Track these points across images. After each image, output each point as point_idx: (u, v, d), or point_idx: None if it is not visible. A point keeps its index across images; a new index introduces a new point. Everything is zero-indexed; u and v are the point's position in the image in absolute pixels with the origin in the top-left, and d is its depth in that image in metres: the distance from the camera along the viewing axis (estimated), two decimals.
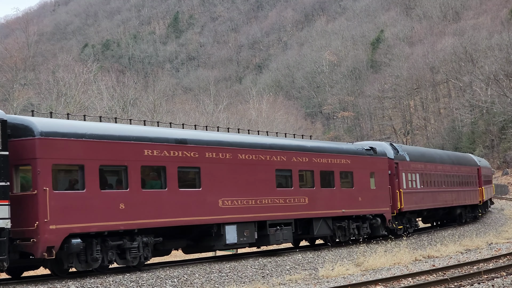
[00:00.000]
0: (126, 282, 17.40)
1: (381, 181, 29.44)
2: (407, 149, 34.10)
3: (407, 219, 32.79)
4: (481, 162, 49.41)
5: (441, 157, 39.01)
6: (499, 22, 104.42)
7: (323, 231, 25.74)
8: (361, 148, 29.14)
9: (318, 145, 27.01)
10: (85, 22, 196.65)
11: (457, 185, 39.56)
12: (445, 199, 37.24)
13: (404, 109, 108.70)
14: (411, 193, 32.36)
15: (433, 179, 35.57)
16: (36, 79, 71.19)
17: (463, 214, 41.82)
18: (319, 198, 25.35)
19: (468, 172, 42.51)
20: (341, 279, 19.62)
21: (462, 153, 50.95)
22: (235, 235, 21.17)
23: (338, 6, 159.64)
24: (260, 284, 18.94)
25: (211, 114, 72.24)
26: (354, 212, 27.42)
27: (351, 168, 27.54)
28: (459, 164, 41.12)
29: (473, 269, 20.01)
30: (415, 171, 33.00)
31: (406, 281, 17.98)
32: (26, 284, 16.38)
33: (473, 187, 43.34)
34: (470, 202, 42.19)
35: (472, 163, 44.87)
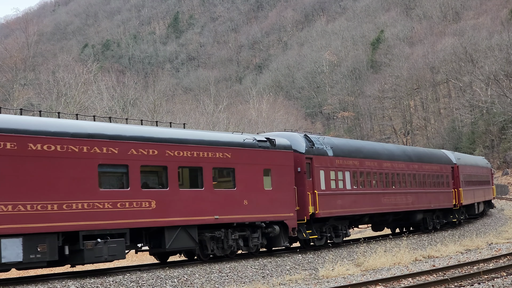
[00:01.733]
0: (126, 282, 17.40)
1: (281, 180, 23.79)
2: (332, 142, 27.79)
3: (330, 226, 27.07)
4: (463, 159, 42.97)
5: (392, 153, 32.94)
6: (499, 22, 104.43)
7: (182, 243, 20.03)
8: (250, 139, 23.19)
9: (177, 135, 20.61)
10: (85, 22, 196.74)
11: (418, 186, 34.00)
12: (395, 202, 31.64)
13: (404, 109, 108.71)
14: (333, 196, 26.56)
15: (376, 179, 29.98)
16: (36, 79, 71.19)
17: (428, 220, 36.09)
18: (175, 202, 19.70)
19: (436, 171, 36.60)
20: (341, 279, 19.62)
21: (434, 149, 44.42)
22: (20, 251, 15.95)
23: (338, 6, 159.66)
24: (260, 284, 18.94)
25: (211, 114, 72.23)
26: (235, 219, 21.65)
27: (231, 164, 21.83)
28: (421, 161, 35.04)
29: (473, 269, 20.00)
30: (342, 168, 27.37)
31: (406, 281, 17.97)
32: (26, 284, 16.38)
33: (445, 188, 37.48)
34: (439, 205, 36.46)
35: (443, 160, 38.71)
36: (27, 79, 69.32)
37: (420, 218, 34.95)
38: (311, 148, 25.75)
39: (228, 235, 21.68)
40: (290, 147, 24.62)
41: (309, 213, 24.91)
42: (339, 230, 27.58)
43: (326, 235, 26.53)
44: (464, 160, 42.90)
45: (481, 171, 47.49)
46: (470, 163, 44.91)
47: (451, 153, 41.38)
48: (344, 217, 27.76)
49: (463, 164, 41.45)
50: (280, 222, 23.70)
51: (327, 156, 26.65)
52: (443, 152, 40.67)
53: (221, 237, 21.46)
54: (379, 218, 31.93)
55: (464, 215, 41.57)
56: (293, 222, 24.09)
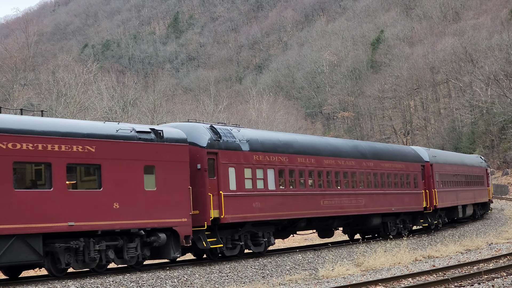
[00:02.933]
0: (126, 282, 17.40)
1: (170, 179, 19.98)
2: (249, 135, 23.51)
3: (246, 233, 23.02)
4: (440, 156, 38.68)
5: (337, 148, 28.46)
6: (499, 22, 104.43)
7: (18, 256, 16.21)
8: (127, 130, 19.39)
9: (14, 123, 16.74)
10: (85, 22, 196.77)
11: (374, 186, 30.10)
12: (341, 205, 27.53)
13: (404, 109, 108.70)
14: (248, 197, 22.52)
15: (313, 178, 26.10)
16: (36, 79, 71.16)
17: (390, 225, 31.89)
18: (6, 205, 16.07)
19: (400, 170, 32.43)
20: (341, 279, 19.62)
21: (400, 145, 39.16)
22: None
23: (338, 6, 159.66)
24: (260, 284, 18.94)
25: (211, 114, 72.22)
26: (99, 225, 17.92)
27: (96, 159, 18.15)
28: (379, 158, 30.87)
29: (473, 269, 20.00)
30: (263, 165, 23.26)
31: (406, 281, 17.97)
32: (26, 284, 16.37)
33: (412, 189, 33.32)
34: (404, 208, 32.37)
35: (410, 158, 34.32)
36: (27, 79, 69.29)
37: (377, 223, 30.50)
38: (217, 141, 21.59)
39: (90, 245, 17.83)
40: (184, 140, 20.53)
41: (210, 218, 20.86)
42: (260, 238, 23.28)
43: (239, 244, 22.32)
44: (442, 158, 38.58)
45: (470, 170, 43.72)
46: (452, 161, 40.54)
47: (425, 150, 36.93)
48: (266, 223, 23.62)
49: (440, 162, 37.18)
50: (168, 229, 19.82)
51: (241, 151, 22.46)
52: (412, 149, 36.20)
53: (80, 248, 17.63)
54: (320, 223, 27.47)
55: (441, 219, 37.44)
56: (186, 229, 20.06)
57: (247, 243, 22.90)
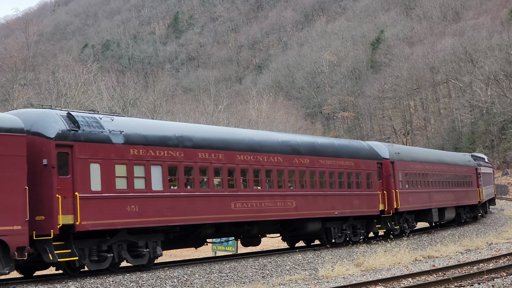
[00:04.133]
0: (126, 282, 17.40)
1: None
2: (125, 125, 19.51)
3: (121, 243, 18.99)
4: (406, 153, 34.38)
5: (258, 143, 24.08)
6: (499, 22, 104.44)
7: None
8: None
9: None
10: (85, 22, 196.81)
11: (310, 187, 25.98)
12: (264, 208, 23.48)
13: (404, 109, 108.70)
14: (121, 200, 18.67)
15: (221, 177, 22.07)
16: (36, 79, 71.17)
17: (334, 231, 27.82)
18: None
19: (348, 168, 28.25)
20: (341, 279, 19.62)
21: (350, 140, 35.33)
22: None
23: (338, 6, 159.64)
24: (260, 284, 18.94)
25: (211, 114, 72.22)
26: None
27: None
28: (317, 155, 26.71)
29: (473, 269, 20.01)
30: (146, 161, 19.42)
31: (406, 281, 17.97)
32: (26, 284, 16.38)
33: (364, 190, 29.10)
34: (351, 212, 28.33)
35: (364, 154, 29.83)
36: (27, 79, 69.35)
37: (315, 229, 26.42)
38: (73, 131, 17.79)
39: None
40: (20, 129, 16.65)
41: (58, 225, 16.91)
42: (140, 248, 19.35)
43: (107, 256, 18.45)
44: (408, 155, 34.18)
45: (452, 169, 39.86)
46: (424, 158, 36.34)
47: (385, 146, 32.59)
48: (152, 230, 19.82)
49: (405, 160, 32.91)
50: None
51: (111, 144, 18.63)
52: (367, 145, 31.47)
53: None
54: (235, 230, 23.58)
55: (408, 224, 33.75)
56: (20, 239, 16.09)
57: (121, 255, 18.84)
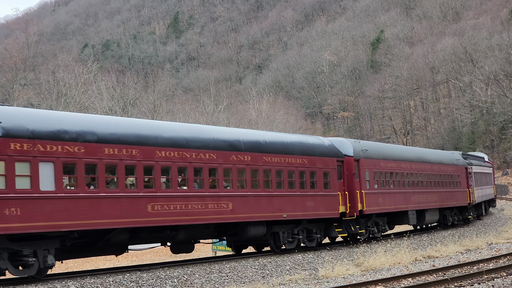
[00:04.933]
0: (126, 282, 17.41)
1: None
2: (5, 115, 16.53)
3: (2, 251, 16.27)
4: (375, 150, 30.90)
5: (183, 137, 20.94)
6: (499, 22, 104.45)
7: None
8: None
9: None
10: (85, 22, 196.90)
11: (253, 186, 22.95)
12: (191, 210, 20.40)
13: (404, 109, 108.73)
14: None
15: (136, 175, 18.97)
16: (36, 79, 71.25)
17: (283, 236, 24.59)
18: None
19: (302, 166, 25.14)
20: (341, 279, 19.62)
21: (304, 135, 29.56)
22: None
23: (338, 6, 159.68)
24: (260, 284, 18.94)
25: (211, 114, 72.26)
26: None
27: None
28: (262, 151, 23.56)
29: (473, 269, 20.02)
30: (31, 157, 16.62)
31: (406, 281, 17.97)
32: (26, 284, 16.38)
33: (322, 190, 26.05)
34: (305, 215, 25.17)
35: (319, 151, 26.57)
36: (27, 79, 69.38)
37: (259, 233, 23.42)
38: None
39: None
40: None
41: None
42: (26, 257, 16.66)
43: None
44: (378, 152, 31.02)
45: (436, 168, 36.88)
46: (398, 156, 33.08)
47: (350, 142, 29.27)
48: (43, 236, 17.07)
49: (373, 158, 29.86)
50: None
51: None
52: (326, 141, 28.11)
53: None
54: (154, 235, 20.55)
55: (378, 227, 30.76)
56: None
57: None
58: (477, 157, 49.91)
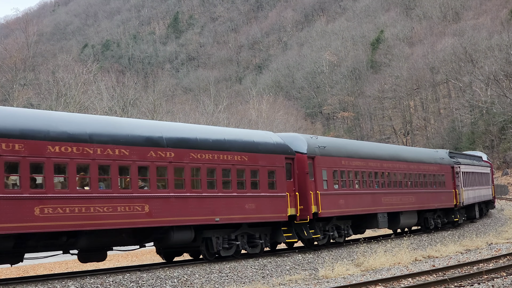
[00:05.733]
0: (126, 282, 17.41)
1: None
2: None
3: None
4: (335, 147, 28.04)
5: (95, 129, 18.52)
6: (499, 22, 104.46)
7: None
8: None
9: None
10: (85, 23, 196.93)
11: (178, 187, 20.18)
12: (94, 214, 17.79)
13: (404, 109, 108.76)
14: None
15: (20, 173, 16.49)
16: (36, 79, 71.24)
17: (215, 242, 21.81)
18: None
19: (239, 163, 22.45)
20: (341, 279, 19.62)
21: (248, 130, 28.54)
22: None
23: (338, 6, 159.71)
24: (260, 284, 18.94)
25: (211, 114, 72.28)
26: None
27: None
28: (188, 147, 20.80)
29: (473, 269, 20.02)
30: None
31: (406, 281, 17.98)
32: (26, 284, 16.38)
33: (266, 191, 23.25)
34: (244, 218, 22.48)
35: (262, 147, 23.77)
36: (26, 79, 69.37)
37: (186, 239, 20.68)
38: None
39: None
40: None
41: None
42: None
43: None
44: (339, 150, 28.16)
45: (415, 168, 34.20)
46: (366, 154, 30.12)
47: (304, 138, 26.29)
48: None
49: (333, 155, 27.19)
50: None
51: None
52: (274, 136, 25.26)
53: None
54: (46, 242, 17.80)
55: (339, 231, 27.85)
56: None
57: None
58: (471, 156, 47.47)
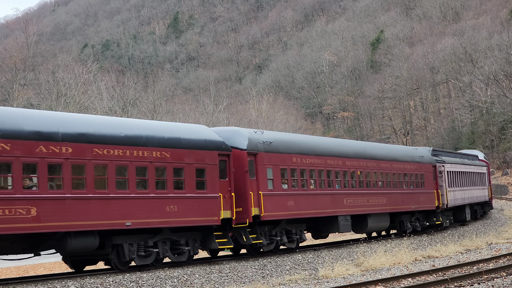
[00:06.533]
0: (126, 282, 17.41)
1: None
2: None
3: None
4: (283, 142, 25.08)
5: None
6: (499, 22, 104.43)
7: None
8: None
9: None
10: (85, 22, 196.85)
11: (78, 187, 17.77)
12: None
13: (404, 109, 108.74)
14: None
15: None
16: (35, 79, 71.24)
17: (128, 249, 19.15)
18: None
19: (165, 160, 19.98)
20: (341, 279, 19.62)
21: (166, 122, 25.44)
22: None
23: (338, 6, 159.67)
24: (260, 284, 18.95)
25: (211, 114, 72.27)
26: None
27: None
28: (92, 141, 18.32)
29: (473, 269, 20.02)
30: None
31: (406, 281, 17.98)
32: (26, 284, 16.39)
33: (192, 192, 20.68)
34: (163, 222, 19.77)
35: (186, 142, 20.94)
36: (26, 79, 69.38)
37: (88, 246, 18.11)
38: None
39: None
40: None
41: None
42: None
43: None
44: (289, 146, 25.22)
45: (387, 166, 31.49)
46: (324, 151, 27.18)
47: (245, 133, 23.76)
48: None
49: (282, 152, 24.39)
50: None
51: None
52: (205, 130, 22.51)
53: None
54: None
55: (288, 236, 25.07)
56: None
57: None
58: (463, 155, 45.32)
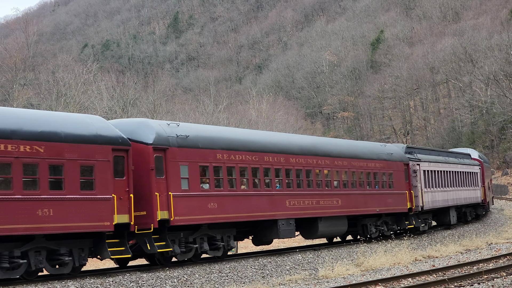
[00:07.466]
0: (126, 282, 17.41)
1: None
2: None
3: None
4: (202, 137, 21.80)
5: None
6: (499, 22, 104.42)
7: None
8: None
9: None
10: (84, 22, 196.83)
11: None
12: None
13: (404, 109, 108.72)
14: None
15: None
16: (35, 79, 71.27)
17: (34, 258, 16.94)
18: None
19: (37, 155, 16.76)
20: (341, 279, 19.63)
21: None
22: None
23: (338, 6, 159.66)
24: (260, 284, 18.95)
25: (211, 114, 72.25)
26: None
27: None
28: None
29: (473, 269, 20.02)
30: None
31: (406, 281, 17.98)
32: (26, 284, 16.38)
33: (75, 193, 17.50)
34: (39, 229, 16.66)
35: (71, 135, 17.81)
36: (26, 79, 69.41)
37: None
38: None
39: None
40: None
41: None
42: None
43: None
44: (210, 139, 22.06)
45: (346, 164, 28.37)
46: (259, 147, 23.94)
47: (153, 124, 20.78)
48: None
49: (201, 148, 21.37)
50: None
51: None
52: (96, 121, 19.32)
53: None
54: None
55: (208, 244, 21.53)
56: None
57: None
58: (449, 153, 42.49)
